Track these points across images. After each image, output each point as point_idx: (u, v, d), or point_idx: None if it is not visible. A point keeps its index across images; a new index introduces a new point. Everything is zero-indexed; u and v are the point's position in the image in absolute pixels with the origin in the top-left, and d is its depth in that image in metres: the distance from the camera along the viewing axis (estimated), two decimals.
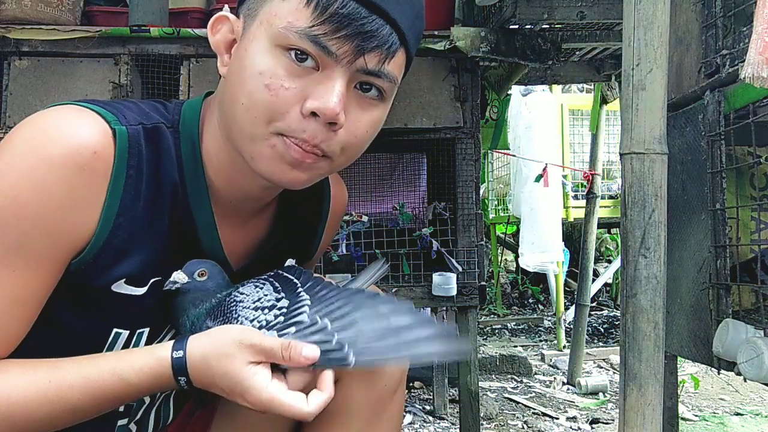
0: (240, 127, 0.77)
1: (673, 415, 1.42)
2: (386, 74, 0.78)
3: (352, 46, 0.73)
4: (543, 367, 3.37)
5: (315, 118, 0.75)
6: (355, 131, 0.79)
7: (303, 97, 0.74)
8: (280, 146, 0.76)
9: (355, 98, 0.78)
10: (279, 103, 0.74)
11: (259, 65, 0.74)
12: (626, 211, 0.99)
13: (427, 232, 1.85)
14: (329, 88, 0.74)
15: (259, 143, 0.76)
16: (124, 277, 0.80)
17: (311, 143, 0.75)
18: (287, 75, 0.74)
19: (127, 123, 0.78)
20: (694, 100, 1.27)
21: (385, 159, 2.00)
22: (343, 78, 0.75)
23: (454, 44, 1.79)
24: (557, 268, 3.78)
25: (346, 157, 0.82)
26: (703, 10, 1.23)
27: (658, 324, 0.96)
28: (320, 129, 0.75)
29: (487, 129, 2.66)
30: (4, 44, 1.74)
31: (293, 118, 0.75)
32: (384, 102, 0.82)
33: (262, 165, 0.78)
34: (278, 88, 0.74)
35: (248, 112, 0.75)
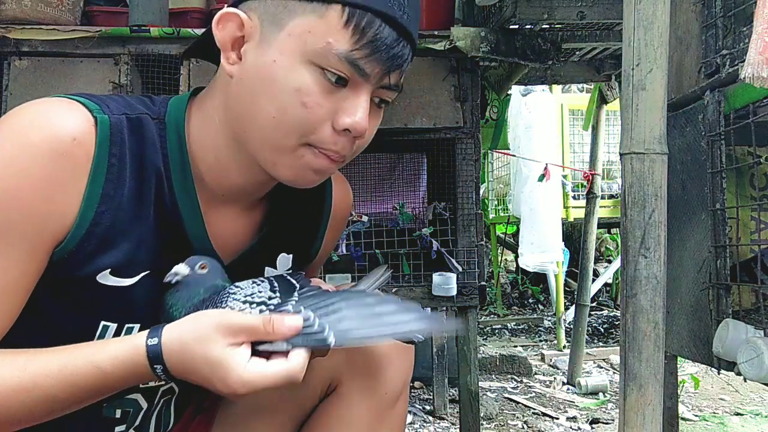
0: (266, 137, 0.80)
1: (673, 415, 1.42)
2: (399, 87, 0.84)
3: (383, 68, 0.78)
4: (543, 367, 3.37)
5: (346, 132, 0.79)
6: (367, 138, 0.85)
7: (334, 112, 0.79)
8: (309, 156, 0.80)
9: (372, 109, 0.83)
10: (314, 120, 0.78)
11: (295, 82, 0.77)
12: (626, 211, 0.99)
13: (427, 232, 1.85)
14: (359, 106, 0.79)
15: (287, 154, 0.80)
16: (109, 268, 0.80)
17: (339, 153, 0.81)
18: (322, 93, 0.77)
19: (110, 112, 0.79)
20: (694, 100, 1.27)
21: (385, 159, 2.00)
22: (368, 94, 0.80)
23: (454, 44, 1.79)
24: (557, 268, 3.78)
25: (352, 157, 0.87)
26: (703, 10, 1.23)
27: (658, 324, 0.96)
28: (349, 142, 0.81)
29: (487, 129, 2.66)
30: (4, 44, 1.74)
31: (326, 133, 0.79)
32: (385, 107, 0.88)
33: (286, 172, 0.81)
34: (314, 105, 0.77)
35: (280, 125, 0.78)
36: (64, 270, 0.78)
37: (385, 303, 0.81)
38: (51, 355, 0.74)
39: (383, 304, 0.81)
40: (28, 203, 0.73)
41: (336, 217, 1.05)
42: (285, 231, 0.97)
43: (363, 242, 1.84)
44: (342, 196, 1.06)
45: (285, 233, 0.97)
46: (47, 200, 0.74)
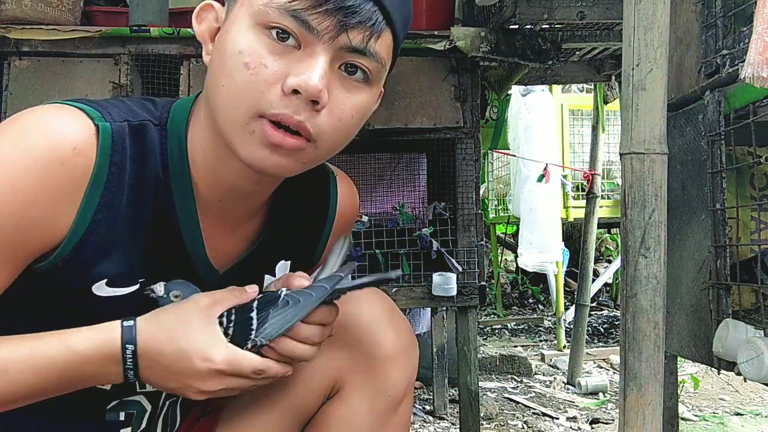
0: (222, 112, 0.75)
1: (673, 415, 1.42)
2: (372, 53, 0.75)
3: (334, 21, 0.71)
4: (543, 367, 3.37)
5: (297, 95, 0.72)
6: (339, 114, 0.76)
7: (284, 75, 0.72)
8: (260, 130, 0.73)
9: (339, 79, 0.75)
10: (259, 81, 0.72)
11: (239, 44, 0.73)
12: (626, 211, 0.99)
13: (427, 232, 1.85)
14: (311, 65, 0.72)
15: (239, 129, 0.74)
16: (105, 278, 0.79)
17: (294, 120, 0.72)
18: (268, 53, 0.72)
19: (111, 120, 0.77)
20: (694, 100, 1.27)
21: (385, 159, 2.00)
22: (325, 55, 0.72)
23: (454, 44, 1.79)
24: (556, 268, 3.77)
25: (331, 142, 0.78)
26: (703, 10, 1.23)
27: (658, 324, 0.96)
28: (302, 106, 0.72)
29: (487, 129, 2.66)
30: (4, 44, 1.74)
31: (274, 96, 0.72)
32: (370, 86, 0.78)
33: (244, 152, 0.75)
34: (258, 66, 0.72)
35: (229, 94, 0.73)
36: (59, 279, 0.77)
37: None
38: (23, 340, 0.73)
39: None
40: (20, 211, 0.72)
41: (341, 222, 1.01)
42: (285, 238, 0.94)
43: (363, 242, 1.84)
44: (347, 200, 1.01)
45: (285, 240, 0.95)
46: (41, 209, 0.73)
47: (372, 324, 0.93)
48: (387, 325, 0.94)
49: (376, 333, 0.93)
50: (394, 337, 0.94)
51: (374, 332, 0.93)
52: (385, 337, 0.93)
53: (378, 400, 0.92)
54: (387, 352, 0.93)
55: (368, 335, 0.92)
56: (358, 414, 0.92)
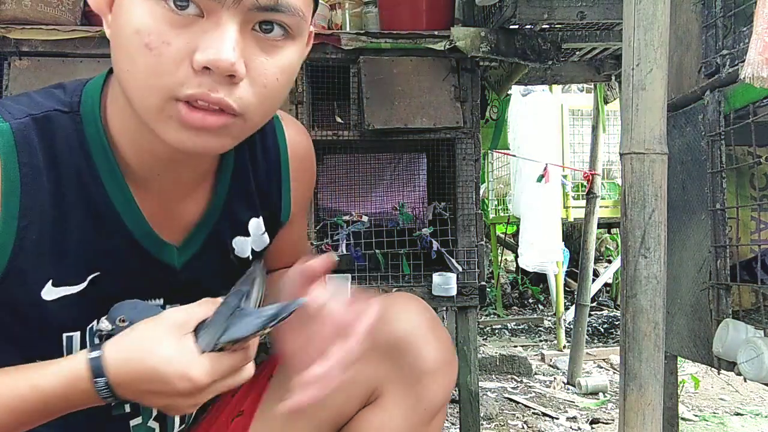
0: (134, 98, 0.69)
1: (673, 415, 1.42)
2: (286, 7, 0.67)
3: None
4: (543, 367, 3.37)
5: (209, 72, 0.64)
6: (263, 81, 0.68)
7: (191, 50, 0.64)
8: (177, 114, 0.66)
9: (256, 42, 0.67)
10: (164, 62, 0.64)
11: (134, 22, 0.64)
12: (626, 211, 0.99)
13: (427, 232, 1.85)
14: (219, 36, 0.64)
15: (156, 115, 0.67)
16: (50, 279, 0.75)
17: (212, 98, 0.65)
18: (168, 28, 0.64)
19: (11, 118, 0.72)
20: (694, 100, 1.28)
21: (385, 159, 2.00)
22: (233, 21, 0.64)
23: (454, 44, 1.79)
24: (557, 268, 3.78)
25: (262, 113, 0.71)
26: (703, 10, 1.23)
27: (658, 324, 0.96)
28: (219, 81, 0.65)
29: (487, 129, 2.66)
30: (4, 44, 1.74)
31: (184, 75, 0.64)
32: (294, 40, 0.70)
33: (167, 136, 0.68)
34: (159, 45, 0.64)
35: (135, 80, 0.67)
36: (4, 294, 0.74)
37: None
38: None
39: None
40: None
41: (297, 164, 0.94)
42: (242, 195, 0.89)
43: (363, 242, 1.84)
44: (298, 142, 0.95)
45: (243, 197, 0.89)
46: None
47: (416, 336, 0.92)
48: (431, 339, 0.93)
49: (420, 345, 0.92)
50: (437, 351, 0.93)
51: (418, 345, 0.92)
52: (428, 351, 0.92)
53: (415, 412, 0.92)
54: (429, 366, 0.92)
55: (412, 347, 0.92)
56: (393, 423, 0.91)
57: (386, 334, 0.90)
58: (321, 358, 0.76)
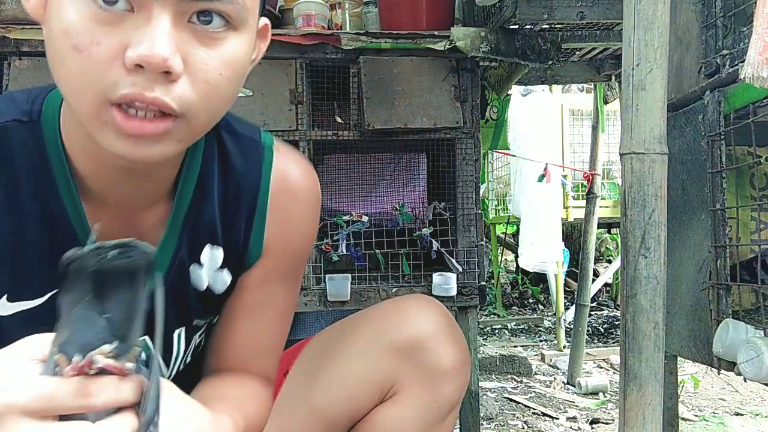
0: (70, 104, 0.65)
1: (673, 415, 1.42)
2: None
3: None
4: (543, 367, 3.37)
5: (143, 70, 0.59)
6: (204, 76, 0.62)
7: (122, 48, 0.59)
8: (112, 121, 0.61)
9: (194, 35, 0.62)
10: (94, 63, 0.59)
11: (62, 22, 0.60)
12: (626, 211, 0.99)
13: (427, 232, 1.85)
14: (150, 30, 0.59)
15: (93, 121, 0.62)
16: (4, 294, 0.72)
17: (147, 98, 0.60)
18: (97, 26, 0.59)
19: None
20: (694, 100, 1.28)
21: (385, 159, 2.00)
22: (165, 13, 0.59)
23: (454, 44, 1.79)
24: (557, 268, 3.78)
25: (208, 112, 0.65)
26: (703, 10, 1.23)
27: (658, 324, 0.96)
28: (154, 80, 0.60)
29: (487, 129, 2.66)
30: (4, 44, 1.74)
31: (117, 75, 0.59)
32: (237, 31, 0.65)
33: (106, 144, 0.63)
34: (89, 45, 0.59)
35: (68, 84, 0.63)
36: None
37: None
38: None
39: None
40: None
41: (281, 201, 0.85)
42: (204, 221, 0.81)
43: (363, 242, 1.84)
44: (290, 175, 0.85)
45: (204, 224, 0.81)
46: None
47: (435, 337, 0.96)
48: (449, 340, 0.97)
49: (438, 346, 0.96)
50: (454, 353, 0.97)
51: (437, 345, 0.96)
52: (446, 353, 0.96)
53: (430, 410, 0.95)
54: (446, 367, 0.96)
55: (431, 347, 0.95)
56: (408, 420, 0.94)
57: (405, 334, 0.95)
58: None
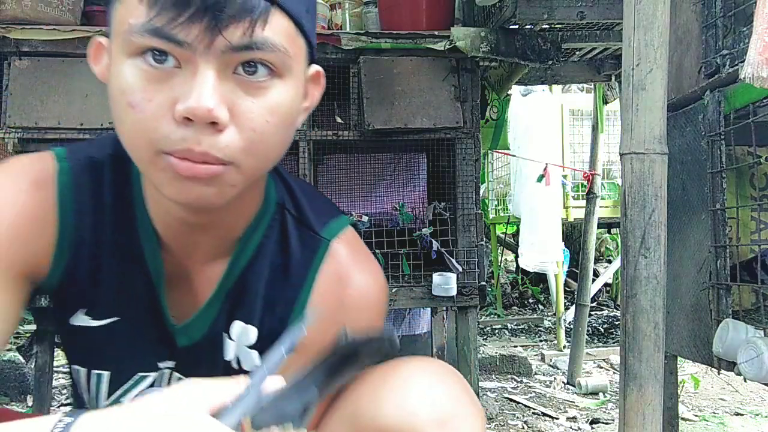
0: (132, 157, 0.69)
1: (673, 415, 1.42)
2: (263, 44, 0.64)
3: (202, 26, 0.62)
4: (543, 367, 3.37)
5: (191, 122, 0.63)
6: (251, 125, 0.65)
7: (172, 103, 0.63)
8: (168, 166, 0.65)
9: (240, 86, 0.65)
10: (147, 119, 0.64)
11: (120, 83, 0.65)
12: (626, 211, 0.99)
13: (427, 232, 1.85)
14: (195, 85, 0.62)
15: (151, 169, 0.67)
16: (85, 308, 0.80)
17: (196, 152, 0.63)
18: (148, 84, 0.64)
19: (75, 158, 0.78)
20: (694, 100, 1.28)
21: (385, 159, 2.00)
22: (209, 67, 0.63)
23: (454, 44, 1.79)
24: (557, 268, 3.78)
25: (257, 159, 0.68)
26: (703, 10, 1.23)
27: (658, 324, 0.96)
28: (202, 132, 0.63)
29: (487, 129, 2.66)
30: (4, 44, 1.74)
31: (168, 129, 0.63)
32: (281, 78, 0.68)
33: (164, 189, 0.67)
34: (141, 102, 0.64)
35: (127, 139, 0.68)
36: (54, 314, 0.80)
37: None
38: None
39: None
40: (4, 241, 0.74)
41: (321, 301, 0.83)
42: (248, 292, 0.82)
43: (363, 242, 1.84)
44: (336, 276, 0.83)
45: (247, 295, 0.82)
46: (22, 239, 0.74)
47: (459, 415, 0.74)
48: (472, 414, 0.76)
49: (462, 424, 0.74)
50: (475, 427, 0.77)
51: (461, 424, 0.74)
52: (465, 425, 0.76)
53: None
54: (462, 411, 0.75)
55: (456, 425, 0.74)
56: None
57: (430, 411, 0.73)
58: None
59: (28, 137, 1.76)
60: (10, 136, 1.74)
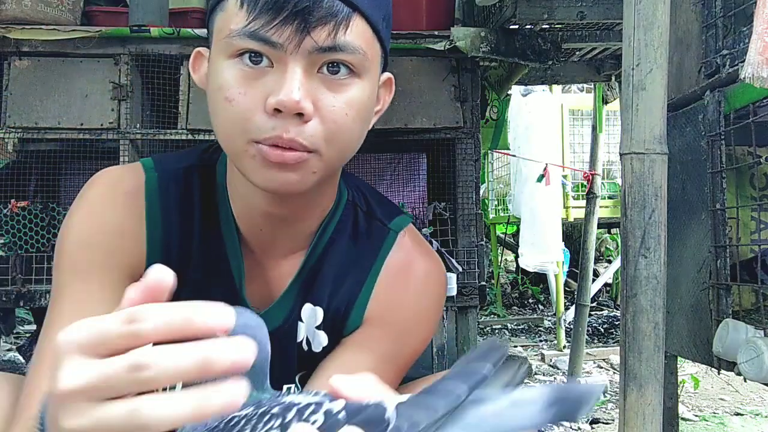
0: (225, 147, 0.79)
1: (673, 415, 1.42)
2: (345, 46, 0.73)
3: (292, 28, 0.71)
4: (543, 367, 3.37)
5: (281, 114, 0.72)
6: (332, 117, 0.74)
7: (265, 97, 0.72)
8: (259, 154, 0.74)
9: (323, 83, 0.74)
10: (242, 110, 0.73)
11: (218, 81, 0.75)
12: (626, 211, 0.99)
13: (427, 232, 1.85)
14: (285, 80, 0.71)
15: (242, 157, 0.75)
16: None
17: (285, 138, 0.72)
18: (243, 81, 0.73)
19: (161, 169, 0.87)
20: (694, 100, 1.27)
21: (385, 159, 2.00)
22: (297, 65, 0.72)
23: (454, 44, 1.79)
24: (557, 268, 3.78)
25: (337, 148, 0.77)
26: (703, 10, 1.23)
27: (658, 324, 0.96)
28: (290, 123, 0.72)
29: (487, 129, 2.66)
30: (4, 44, 1.74)
31: (260, 120, 0.72)
32: (360, 77, 0.76)
33: (253, 176, 0.76)
34: (237, 97, 0.73)
35: (222, 131, 0.76)
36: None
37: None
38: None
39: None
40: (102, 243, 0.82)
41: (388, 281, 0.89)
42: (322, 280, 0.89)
43: None
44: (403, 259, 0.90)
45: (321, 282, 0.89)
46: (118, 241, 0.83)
47: None
48: None
49: None
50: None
51: None
52: None
53: None
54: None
55: None
56: None
57: None
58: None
59: (28, 137, 1.76)
60: (10, 136, 1.74)
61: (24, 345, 2.01)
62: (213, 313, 0.43)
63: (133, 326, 0.42)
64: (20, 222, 1.75)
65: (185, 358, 0.41)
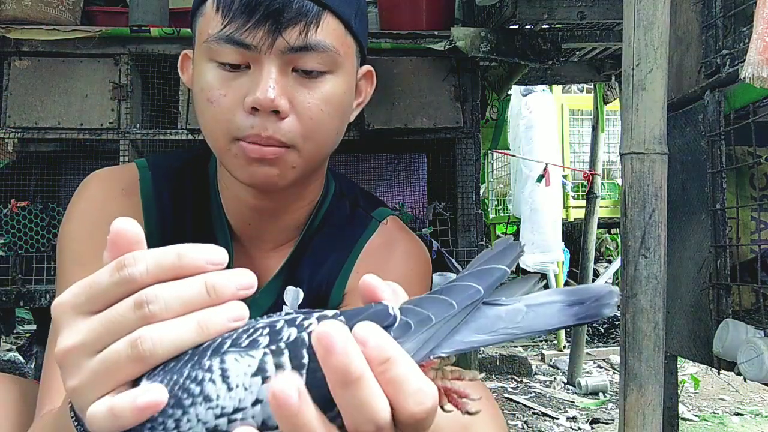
0: (211, 146, 0.82)
1: (673, 415, 1.42)
2: (317, 44, 0.76)
3: (265, 31, 0.74)
4: (543, 367, 3.37)
5: (258, 112, 0.76)
6: (308, 113, 0.78)
7: (243, 96, 0.76)
8: (240, 151, 0.78)
9: (297, 81, 0.77)
10: (223, 111, 0.77)
11: (200, 83, 0.79)
12: (626, 211, 0.99)
13: (427, 232, 1.85)
14: (261, 79, 0.75)
15: (226, 155, 0.79)
16: None
17: (263, 136, 0.76)
18: (224, 82, 0.77)
19: (154, 167, 0.92)
20: (694, 100, 1.27)
21: (385, 159, 2.00)
22: (272, 65, 0.75)
23: (454, 44, 1.79)
24: (557, 268, 3.78)
25: (314, 142, 0.79)
26: (703, 10, 1.23)
27: (658, 324, 0.96)
28: (267, 120, 0.76)
29: (487, 129, 2.66)
30: (4, 44, 1.74)
31: (240, 119, 0.76)
32: (334, 74, 0.79)
33: (237, 173, 0.80)
34: (217, 98, 0.77)
35: (206, 130, 0.80)
36: None
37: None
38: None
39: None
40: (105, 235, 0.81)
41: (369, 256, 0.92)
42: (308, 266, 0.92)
43: None
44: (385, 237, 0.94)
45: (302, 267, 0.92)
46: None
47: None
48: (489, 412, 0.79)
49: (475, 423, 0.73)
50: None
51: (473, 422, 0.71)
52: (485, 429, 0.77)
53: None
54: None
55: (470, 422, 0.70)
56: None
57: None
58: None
59: (28, 137, 1.76)
60: (10, 136, 1.74)
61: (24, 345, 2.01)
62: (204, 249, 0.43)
63: (125, 271, 0.42)
64: (20, 222, 1.75)
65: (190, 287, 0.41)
